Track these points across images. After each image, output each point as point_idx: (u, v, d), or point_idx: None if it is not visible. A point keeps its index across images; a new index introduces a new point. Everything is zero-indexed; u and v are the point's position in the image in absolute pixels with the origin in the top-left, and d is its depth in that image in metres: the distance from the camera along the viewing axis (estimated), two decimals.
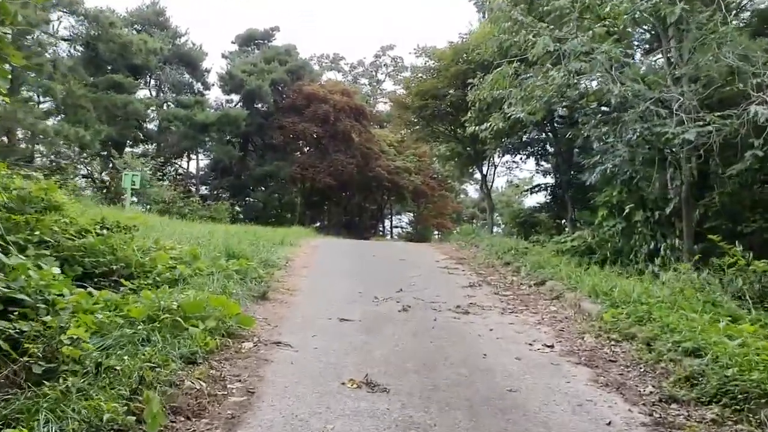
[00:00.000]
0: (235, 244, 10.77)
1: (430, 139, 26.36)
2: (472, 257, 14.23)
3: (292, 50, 38.67)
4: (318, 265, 11.59)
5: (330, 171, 33.78)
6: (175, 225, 14.84)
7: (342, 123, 34.25)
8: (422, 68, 23.65)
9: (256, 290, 8.17)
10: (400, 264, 12.46)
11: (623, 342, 6.22)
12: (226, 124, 31.61)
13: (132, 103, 26.26)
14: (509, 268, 11.84)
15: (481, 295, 9.05)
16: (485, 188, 25.14)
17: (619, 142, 10.61)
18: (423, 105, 22.40)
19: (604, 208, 14.53)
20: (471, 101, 17.96)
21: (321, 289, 9.15)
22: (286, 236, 16.10)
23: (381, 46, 59.18)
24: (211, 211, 27.93)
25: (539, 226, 25.94)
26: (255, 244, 11.43)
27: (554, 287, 9.12)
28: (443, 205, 48.62)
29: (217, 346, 5.72)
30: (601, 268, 11.73)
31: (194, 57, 36.85)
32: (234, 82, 34.93)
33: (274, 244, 13.54)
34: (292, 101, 35.31)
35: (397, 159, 40.57)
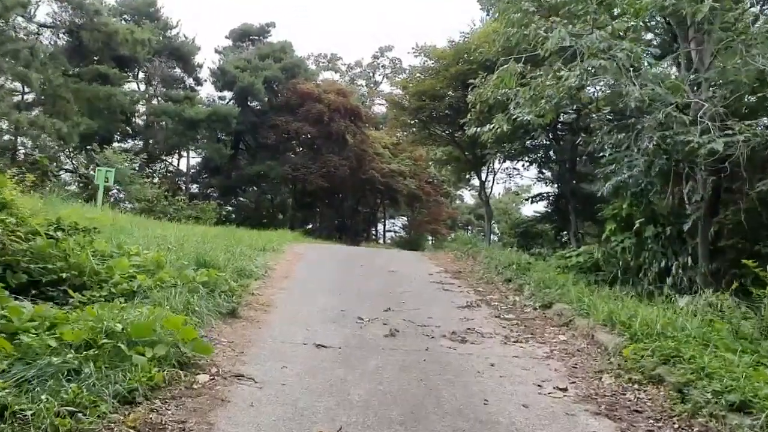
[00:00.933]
0: (208, 250, 9.83)
1: (427, 142, 25.47)
2: (469, 271, 13.31)
3: (287, 47, 37.76)
4: (300, 276, 10.64)
5: (323, 172, 32.89)
6: (151, 226, 13.90)
7: (336, 123, 33.36)
8: (420, 68, 22.77)
9: (225, 306, 7.23)
10: (390, 276, 11.53)
11: (648, 386, 5.30)
12: (217, 121, 30.65)
13: (115, 96, 25.27)
14: (511, 285, 10.92)
15: (479, 318, 8.12)
16: (484, 195, 24.25)
17: (636, 151, 9.71)
18: (421, 106, 21.52)
19: (612, 221, 13.71)
20: (471, 103, 17.04)
21: (299, 305, 8.20)
22: (271, 241, 15.16)
23: (379, 47, 58.33)
24: (197, 211, 26.97)
25: (539, 237, 25.13)
26: (232, 251, 10.46)
27: (563, 311, 8.20)
28: (438, 211, 47.86)
29: (164, 379, 4.77)
30: (610, 288, 10.88)
31: (186, 51, 35.90)
32: (226, 78, 33.99)
33: (255, 249, 12.62)
34: (286, 99, 34.45)
35: (392, 162, 39.76)
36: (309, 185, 33.46)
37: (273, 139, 35.30)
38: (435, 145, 25.18)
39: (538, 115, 9.96)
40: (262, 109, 36.44)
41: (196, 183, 42.97)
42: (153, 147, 35.92)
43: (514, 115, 10.24)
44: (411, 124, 24.38)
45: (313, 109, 32.79)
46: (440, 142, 24.01)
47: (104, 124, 28.54)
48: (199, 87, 38.29)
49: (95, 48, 25.62)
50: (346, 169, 33.44)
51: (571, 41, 8.38)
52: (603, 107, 11.54)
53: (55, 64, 22.61)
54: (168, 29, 34.94)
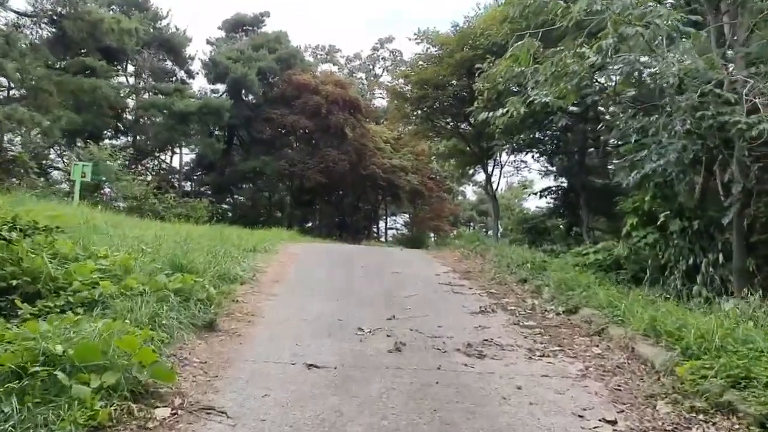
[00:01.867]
0: (188, 251, 8.87)
1: (430, 135, 24.46)
2: (479, 270, 12.34)
3: (282, 37, 36.74)
4: (292, 279, 9.68)
5: (321, 168, 31.91)
6: (132, 225, 12.94)
7: (335, 116, 32.36)
8: (423, 55, 21.75)
9: (201, 318, 6.28)
10: (394, 278, 10.56)
11: (717, 416, 4.34)
12: (208, 114, 29.63)
13: (100, 88, 24.24)
14: (527, 287, 9.96)
15: (497, 327, 7.16)
16: (490, 190, 23.25)
17: (668, 136, 8.72)
18: (423, 95, 20.54)
19: (633, 215, 12.78)
20: (478, 90, 16.17)
21: (290, 314, 7.24)
22: (263, 240, 14.20)
23: (379, 39, 57.34)
24: (187, 209, 25.99)
25: (547, 233, 24.15)
26: (216, 252, 9.48)
27: (591, 318, 7.24)
28: (441, 207, 46.95)
29: (111, 417, 3.83)
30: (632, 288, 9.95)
31: (177, 42, 34.90)
32: (218, 69, 32.99)
33: (244, 250, 11.65)
34: (282, 92, 33.47)
35: (393, 157, 38.82)
36: (307, 181, 32.49)
37: (268, 133, 34.35)
38: (438, 138, 24.20)
39: (558, 96, 8.94)
40: (257, 102, 35.48)
41: (190, 180, 42.08)
42: (145, 143, 34.96)
43: (532, 96, 9.21)
44: (413, 116, 23.36)
45: (310, 102, 31.80)
46: (444, 134, 23.05)
47: (91, 119, 27.56)
48: (191, 80, 37.44)
49: (80, 38, 24.60)
50: (346, 164, 32.45)
51: (602, 5, 7.37)
52: (625, 89, 10.52)
53: (37, 55, 21.61)
54: (158, 20, 33.94)
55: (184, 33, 35.73)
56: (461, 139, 22.01)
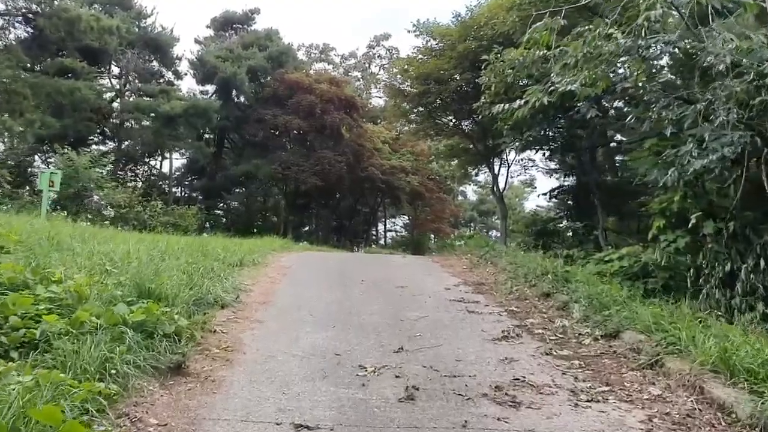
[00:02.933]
0: (162, 270, 7.77)
1: (431, 133, 23.36)
2: (492, 282, 11.23)
3: (273, 35, 35.66)
4: (282, 301, 8.55)
5: (316, 170, 30.80)
6: (105, 238, 11.80)
7: (330, 116, 31.26)
8: (423, 48, 20.64)
9: (167, 359, 5.17)
10: (399, 295, 9.45)
11: None
12: (195, 116, 28.50)
13: (79, 90, 23.09)
14: (551, 303, 8.86)
15: (526, 358, 6.06)
16: (497, 191, 22.15)
17: (715, 128, 7.62)
18: (424, 91, 19.42)
19: (660, 217, 11.74)
20: (485, 84, 15.13)
21: (277, 348, 6.12)
22: (251, 251, 13.10)
23: (374, 36, 56.21)
24: (174, 217, 24.89)
25: (556, 235, 23.10)
26: (191, 271, 8.34)
27: (638, 345, 6.15)
28: (441, 209, 45.95)
29: None
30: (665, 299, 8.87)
31: (163, 42, 33.78)
32: (206, 69, 31.88)
33: (229, 265, 10.54)
34: (273, 91, 32.36)
35: (392, 158, 37.77)
36: (302, 185, 31.35)
37: (260, 135, 33.25)
38: (440, 136, 23.10)
39: (587, 84, 7.79)
40: (248, 103, 34.45)
41: (181, 186, 41.04)
42: (133, 148, 33.86)
43: (557, 84, 8.05)
44: (413, 114, 22.24)
45: (304, 101, 30.69)
46: (447, 132, 21.94)
47: (72, 123, 26.47)
48: (179, 81, 36.36)
49: (57, 38, 23.51)
50: (343, 166, 31.34)
51: None
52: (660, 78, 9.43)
53: (9, 55, 20.48)
54: (142, 19, 32.81)
55: (171, 32, 34.67)
56: (465, 137, 20.93)
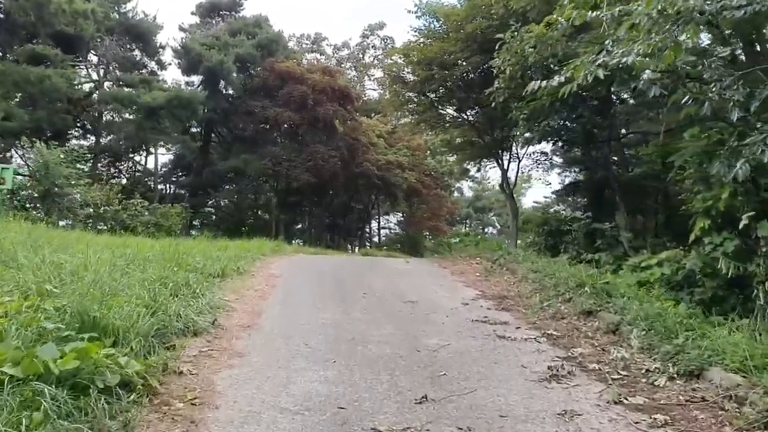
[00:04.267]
0: (120, 289, 6.33)
1: (434, 124, 21.86)
2: (516, 295, 9.82)
3: (262, 21, 34.08)
4: (270, 324, 7.09)
5: (309, 166, 29.29)
6: (64, 243, 10.32)
7: (323, 108, 29.73)
8: (425, 31, 19.14)
9: (106, 427, 3.74)
10: (410, 312, 8.02)
11: None
12: (179, 107, 26.89)
13: (49, 78, 21.47)
14: (595, 323, 7.45)
15: (591, 410, 4.64)
16: (506, 187, 20.72)
17: None
18: (427, 77, 17.93)
19: (704, 217, 10.31)
20: (498, 67, 13.74)
21: (261, 398, 4.68)
22: (237, 257, 11.66)
23: (368, 25, 54.63)
24: (157, 216, 23.35)
25: (567, 234, 21.74)
26: (156, 289, 6.86)
27: (736, 390, 4.74)
28: (438, 206, 44.55)
29: None
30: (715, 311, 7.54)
31: (145, 29, 32.13)
32: (190, 57, 30.25)
33: (209, 276, 9.09)
34: (263, 81, 30.79)
35: (388, 152, 36.29)
36: (294, 181, 29.81)
37: (250, 128, 31.68)
38: (443, 128, 21.62)
39: (650, 54, 6.26)
40: (236, 94, 32.85)
41: (169, 183, 39.53)
42: (116, 143, 32.26)
43: (612, 54, 6.53)
44: (415, 103, 20.71)
45: (295, 92, 29.14)
46: (451, 123, 20.46)
47: (46, 116, 24.87)
48: (163, 71, 34.75)
49: (27, 22, 21.90)
50: (337, 161, 29.83)
51: None
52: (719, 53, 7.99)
53: None
54: (122, 3, 31.13)
55: (154, 19, 32.99)
56: (471, 128, 19.47)
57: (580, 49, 11.82)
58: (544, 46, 11.67)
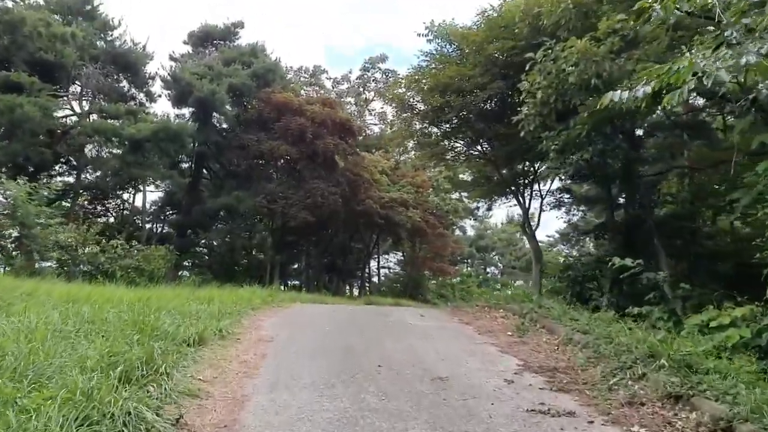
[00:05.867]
0: (41, 378, 4.60)
1: (447, 158, 20.25)
2: (566, 363, 8.06)
3: (258, 50, 32.78)
4: (257, 422, 5.29)
5: (307, 203, 27.59)
6: (10, 299, 8.62)
7: (322, 141, 28.19)
8: (437, 56, 17.64)
9: None
10: (442, 398, 6.24)
11: None
12: (167, 140, 25.28)
13: (20, 107, 19.90)
14: (692, 414, 5.70)
15: None
16: (528, 227, 19.02)
17: None
18: (441, 105, 16.37)
19: None
20: (527, 91, 12.21)
21: None
22: (221, 314, 9.90)
23: (369, 57, 53.55)
24: (138, 259, 21.57)
25: (593, 280, 20.02)
26: (101, 369, 5.10)
27: None
28: (442, 246, 42.71)
29: None
30: None
31: (134, 59, 30.73)
32: (180, 87, 28.79)
33: (181, 342, 7.32)
34: (258, 113, 29.29)
35: (391, 189, 34.67)
36: (291, 220, 28.07)
37: (243, 164, 30.05)
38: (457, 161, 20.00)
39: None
40: (229, 127, 31.36)
41: (161, 222, 37.81)
42: (102, 179, 30.58)
43: (742, 48, 4.84)
44: (426, 135, 19.10)
45: (293, 124, 27.61)
46: (467, 156, 18.85)
47: (22, 148, 23.29)
48: (153, 104, 33.23)
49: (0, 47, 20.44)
50: (338, 198, 28.14)
51: None
52: None
53: None
54: (108, 30, 29.81)
55: (144, 48, 31.66)
56: (488, 162, 17.87)
57: (629, 66, 10.29)
58: (589, 63, 10.12)
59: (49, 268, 18.12)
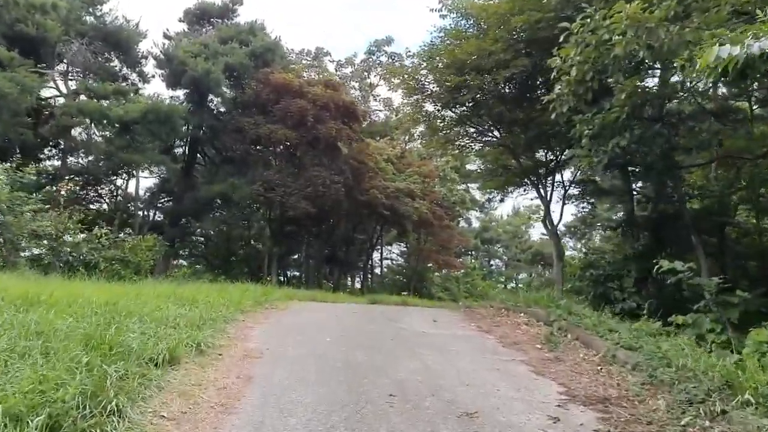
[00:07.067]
0: None
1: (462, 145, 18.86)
2: (615, 389, 6.74)
3: (257, 29, 31.24)
4: None
5: (307, 192, 26.18)
6: None
7: (324, 126, 26.74)
8: (452, 31, 16.21)
9: None
10: None
11: None
12: (157, 122, 23.82)
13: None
14: None
15: None
16: (550, 223, 17.66)
17: None
18: (458, 84, 14.98)
19: None
20: (559, 68, 10.86)
21: None
22: (203, 320, 8.60)
23: (375, 40, 52.02)
24: (123, 250, 20.27)
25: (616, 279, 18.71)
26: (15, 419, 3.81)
27: None
28: (448, 238, 41.36)
29: None
30: None
31: (126, 36, 29.27)
32: (173, 66, 27.33)
33: (149, 361, 6.02)
34: (256, 94, 27.82)
35: (396, 179, 33.26)
36: (290, 210, 26.68)
37: (239, 148, 28.66)
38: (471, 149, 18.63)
39: None
40: (225, 109, 29.98)
41: (155, 210, 36.46)
42: (95, 164, 29.19)
43: None
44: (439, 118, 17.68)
45: (293, 107, 26.15)
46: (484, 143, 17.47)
47: (2, 130, 21.98)
48: (146, 85, 31.80)
49: None
50: (340, 187, 26.74)
51: None
52: None
53: None
54: (96, 4, 28.35)
55: (137, 26, 30.25)
56: (506, 150, 16.50)
57: (688, 36, 8.91)
58: (641, 30, 8.75)
59: (22, 259, 16.80)
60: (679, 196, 15.35)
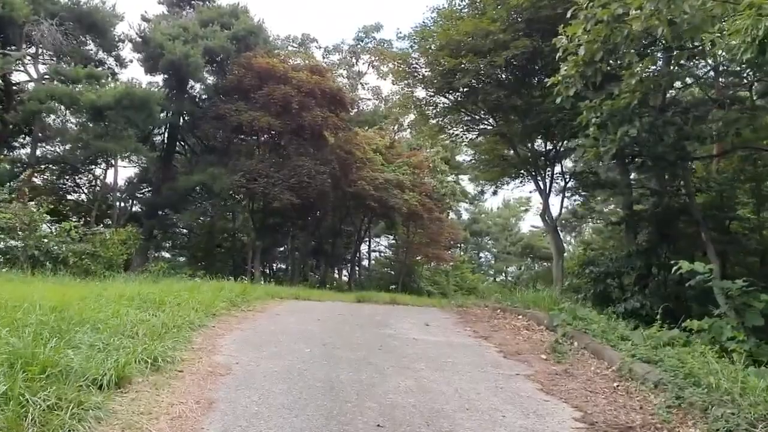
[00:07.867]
0: None
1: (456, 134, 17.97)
2: (637, 413, 5.89)
3: (240, 12, 30.22)
4: None
5: (292, 183, 25.27)
6: None
7: (310, 113, 25.81)
8: (446, 11, 15.30)
9: None
10: None
11: None
12: (132, 108, 22.79)
13: None
14: None
15: None
16: (549, 217, 16.81)
17: None
18: (454, 68, 14.07)
19: None
20: (564, 48, 9.99)
21: None
22: (164, 329, 7.67)
23: (363, 26, 51.07)
24: (95, 245, 19.26)
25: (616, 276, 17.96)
26: None
27: None
28: (438, 231, 40.63)
29: None
30: None
31: (100, 19, 28.16)
32: (150, 50, 26.29)
33: (88, 387, 5.09)
34: (238, 80, 26.82)
35: (385, 170, 32.42)
36: (273, 201, 25.74)
37: (220, 136, 27.69)
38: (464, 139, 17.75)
39: None
40: (205, 96, 28.97)
41: (134, 201, 35.35)
42: (72, 152, 28.02)
43: None
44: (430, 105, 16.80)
45: (276, 93, 25.21)
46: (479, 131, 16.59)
47: None
48: (124, 70, 30.73)
49: None
50: (327, 178, 25.85)
51: None
52: None
53: None
54: None
55: (113, 8, 29.12)
56: (503, 139, 15.63)
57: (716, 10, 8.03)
58: (662, 2, 7.86)
59: None
60: (688, 190, 14.55)
